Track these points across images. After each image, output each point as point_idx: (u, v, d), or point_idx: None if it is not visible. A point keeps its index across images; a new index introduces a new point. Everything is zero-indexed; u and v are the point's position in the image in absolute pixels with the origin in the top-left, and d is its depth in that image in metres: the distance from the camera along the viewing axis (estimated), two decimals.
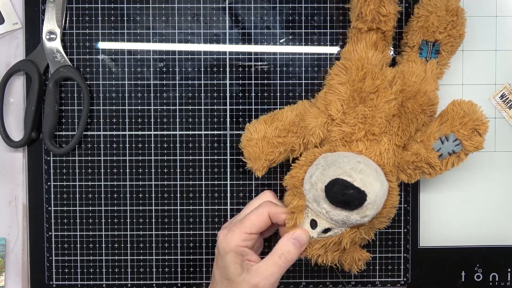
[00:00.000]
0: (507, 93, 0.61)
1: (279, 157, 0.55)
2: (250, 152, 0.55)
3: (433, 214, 0.61)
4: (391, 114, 0.53)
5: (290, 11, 0.60)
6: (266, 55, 0.60)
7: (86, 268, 0.61)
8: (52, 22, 0.58)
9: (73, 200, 0.60)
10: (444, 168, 0.54)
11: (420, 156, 0.53)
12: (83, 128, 0.59)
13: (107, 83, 0.60)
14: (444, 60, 0.56)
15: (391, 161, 0.54)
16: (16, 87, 0.60)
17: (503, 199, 0.61)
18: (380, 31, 0.55)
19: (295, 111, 0.56)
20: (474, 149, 0.53)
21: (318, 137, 0.55)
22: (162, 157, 0.60)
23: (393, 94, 0.54)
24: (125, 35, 0.60)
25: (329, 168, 0.51)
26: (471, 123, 0.52)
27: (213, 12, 0.60)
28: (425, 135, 0.54)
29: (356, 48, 0.55)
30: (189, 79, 0.60)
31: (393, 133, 0.54)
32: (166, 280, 0.61)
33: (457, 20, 0.54)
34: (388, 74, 0.54)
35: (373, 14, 0.53)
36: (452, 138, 0.52)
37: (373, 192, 0.50)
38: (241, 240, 0.51)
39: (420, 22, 0.55)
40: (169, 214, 0.61)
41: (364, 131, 0.53)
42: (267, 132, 0.55)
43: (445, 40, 0.55)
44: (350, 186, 0.49)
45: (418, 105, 0.54)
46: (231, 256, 0.51)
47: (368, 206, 0.50)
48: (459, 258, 0.61)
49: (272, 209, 0.52)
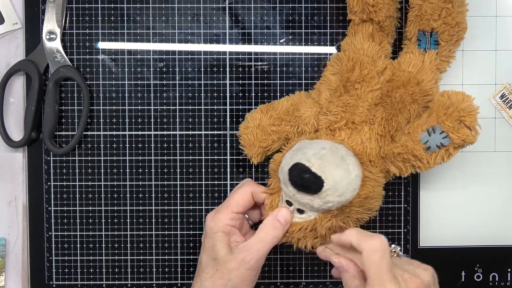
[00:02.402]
0: (507, 93, 0.61)
1: (273, 145, 0.56)
2: (245, 140, 0.57)
3: (433, 214, 0.61)
4: (374, 104, 0.53)
5: (290, 11, 0.60)
6: (266, 55, 0.60)
7: (86, 268, 0.61)
8: (52, 22, 0.58)
9: (73, 200, 0.60)
10: (432, 161, 0.52)
11: (407, 148, 0.52)
12: (83, 128, 0.59)
13: (107, 83, 0.60)
14: (445, 51, 0.55)
15: (374, 151, 0.54)
16: (16, 87, 0.60)
17: (503, 199, 0.61)
18: (375, 22, 0.54)
19: (290, 101, 0.57)
20: (461, 142, 0.50)
21: (312, 127, 0.56)
22: (162, 157, 0.60)
23: (379, 83, 0.53)
24: (125, 35, 0.60)
25: (296, 153, 0.52)
26: (456, 113, 0.50)
27: (213, 12, 0.60)
28: (412, 127, 0.52)
29: (353, 40, 0.55)
30: (189, 79, 0.60)
31: (375, 122, 0.53)
32: (166, 280, 0.61)
33: (452, 7, 0.53)
34: (379, 65, 0.54)
35: (360, 5, 0.53)
36: (438, 130, 0.51)
37: (331, 179, 0.50)
38: (229, 219, 0.52)
39: (415, 12, 0.54)
40: (169, 214, 0.61)
41: (345, 120, 0.54)
42: (262, 121, 0.56)
43: (441, 28, 0.53)
44: (307, 171, 0.50)
45: (408, 95, 0.53)
46: (219, 236, 0.52)
47: (328, 192, 0.50)
48: (459, 258, 0.61)
49: (254, 187, 0.54)
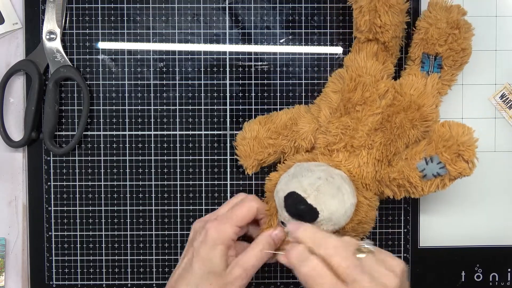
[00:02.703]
0: (507, 93, 0.61)
1: (269, 158, 0.56)
2: (241, 150, 0.57)
3: (433, 214, 0.61)
4: (373, 128, 0.53)
5: (290, 11, 0.60)
6: (266, 55, 0.60)
7: (86, 268, 0.61)
8: (52, 22, 0.58)
9: (73, 200, 0.60)
10: (426, 189, 0.51)
11: (403, 174, 0.51)
12: (83, 128, 0.59)
13: (107, 83, 0.60)
14: (447, 75, 0.55)
15: (370, 175, 0.54)
16: (16, 87, 0.60)
17: (503, 199, 0.61)
18: (380, 41, 0.54)
19: (289, 114, 0.56)
20: (458, 175, 0.50)
21: (309, 143, 0.55)
22: (162, 157, 0.60)
23: (380, 108, 0.53)
24: (125, 35, 0.60)
25: (292, 179, 0.51)
26: (455, 147, 0.49)
27: (213, 12, 0.60)
28: (410, 153, 0.52)
29: (356, 57, 0.55)
30: (189, 79, 0.60)
31: (373, 147, 0.53)
32: (166, 280, 0.61)
33: (459, 33, 0.53)
34: (381, 87, 0.53)
35: (368, 25, 0.53)
36: (436, 160, 0.50)
37: (327, 210, 0.50)
38: (233, 233, 0.51)
39: (421, 35, 0.54)
40: (169, 214, 0.61)
41: (344, 142, 0.53)
42: (259, 133, 0.56)
43: (446, 53, 0.53)
44: (302, 202, 0.49)
45: (408, 120, 0.53)
46: (221, 249, 0.50)
47: (323, 222, 0.50)
48: (459, 258, 0.61)
49: (259, 204, 0.53)
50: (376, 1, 0.52)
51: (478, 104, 0.61)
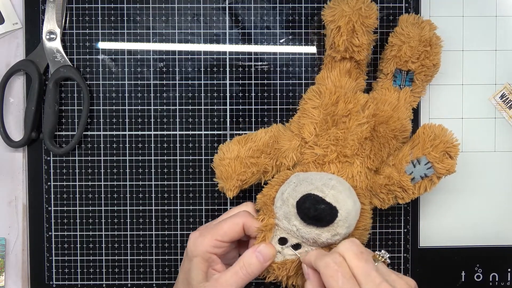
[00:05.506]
0: (507, 93, 0.61)
1: (251, 178, 0.55)
2: (222, 172, 0.55)
3: (433, 214, 0.61)
4: (363, 137, 0.54)
5: (290, 11, 0.60)
6: (266, 55, 0.60)
7: (86, 268, 0.61)
8: (52, 22, 0.59)
9: (73, 200, 0.60)
10: (417, 192, 0.54)
11: (392, 180, 0.53)
12: (83, 128, 0.59)
13: (107, 83, 0.60)
14: (418, 88, 0.56)
15: (364, 184, 0.54)
16: (16, 87, 0.60)
17: (503, 199, 0.61)
18: (354, 60, 0.55)
19: (269, 133, 0.55)
20: (446, 172, 0.53)
21: (291, 160, 0.55)
22: (162, 157, 0.60)
23: (365, 117, 0.54)
24: (125, 35, 0.60)
25: (300, 184, 0.50)
26: (442, 145, 0.52)
27: (213, 12, 0.60)
28: (397, 159, 0.54)
29: (329, 75, 0.55)
30: (189, 79, 0.60)
31: (365, 155, 0.54)
32: (166, 280, 0.61)
33: (431, 50, 0.54)
34: (361, 99, 0.54)
35: (345, 44, 0.53)
36: (424, 161, 0.53)
37: (345, 209, 0.49)
38: (211, 246, 0.50)
39: (394, 51, 0.55)
40: (169, 214, 0.61)
41: (336, 153, 0.54)
42: (240, 152, 0.54)
43: (418, 69, 0.54)
44: (321, 201, 0.49)
45: (390, 130, 0.54)
46: (197, 261, 0.49)
47: (339, 223, 0.49)
48: (459, 258, 0.61)
49: (248, 220, 0.51)
50: (354, 22, 0.52)
51: (478, 104, 0.61)
